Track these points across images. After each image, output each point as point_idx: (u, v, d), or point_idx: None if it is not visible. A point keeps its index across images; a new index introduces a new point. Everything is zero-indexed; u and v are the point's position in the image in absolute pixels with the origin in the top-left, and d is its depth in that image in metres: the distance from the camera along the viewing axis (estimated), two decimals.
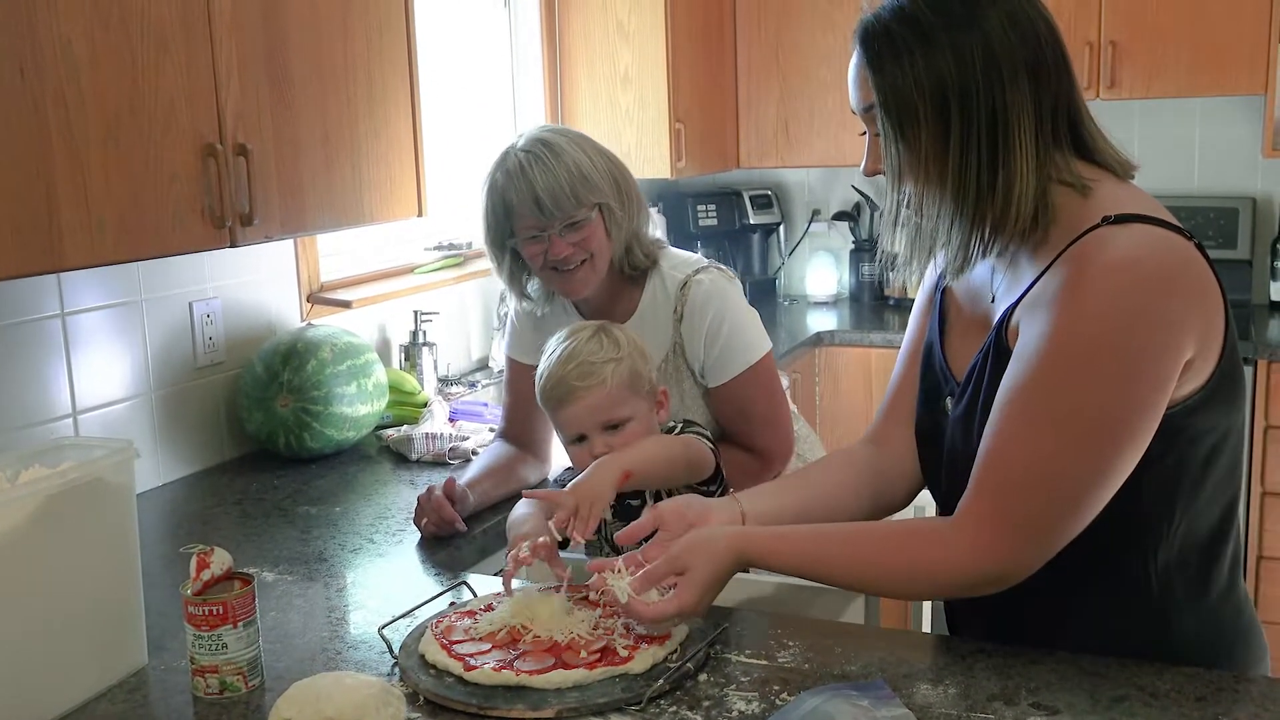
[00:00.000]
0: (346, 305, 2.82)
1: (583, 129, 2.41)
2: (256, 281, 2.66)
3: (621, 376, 1.74)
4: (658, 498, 1.79)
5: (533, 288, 2.15)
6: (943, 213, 1.35)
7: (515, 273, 2.12)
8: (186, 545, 1.47)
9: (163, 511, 2.27)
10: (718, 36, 4.00)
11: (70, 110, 1.76)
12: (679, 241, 3.27)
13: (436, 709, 1.35)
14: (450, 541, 1.99)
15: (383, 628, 1.52)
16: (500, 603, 1.55)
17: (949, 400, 1.48)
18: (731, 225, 4.27)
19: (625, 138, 3.68)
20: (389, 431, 2.65)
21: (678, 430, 1.83)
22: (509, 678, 1.36)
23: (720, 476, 1.82)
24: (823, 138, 4.04)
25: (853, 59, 1.39)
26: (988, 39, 1.30)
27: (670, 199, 4.30)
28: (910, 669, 1.39)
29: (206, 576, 1.42)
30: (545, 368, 1.79)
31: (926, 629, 2.46)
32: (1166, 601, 1.38)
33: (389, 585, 1.83)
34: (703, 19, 3.87)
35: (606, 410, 1.74)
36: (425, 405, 2.74)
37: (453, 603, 1.62)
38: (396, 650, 1.48)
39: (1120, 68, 3.62)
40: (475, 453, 2.47)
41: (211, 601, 1.40)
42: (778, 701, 1.33)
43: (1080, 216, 1.32)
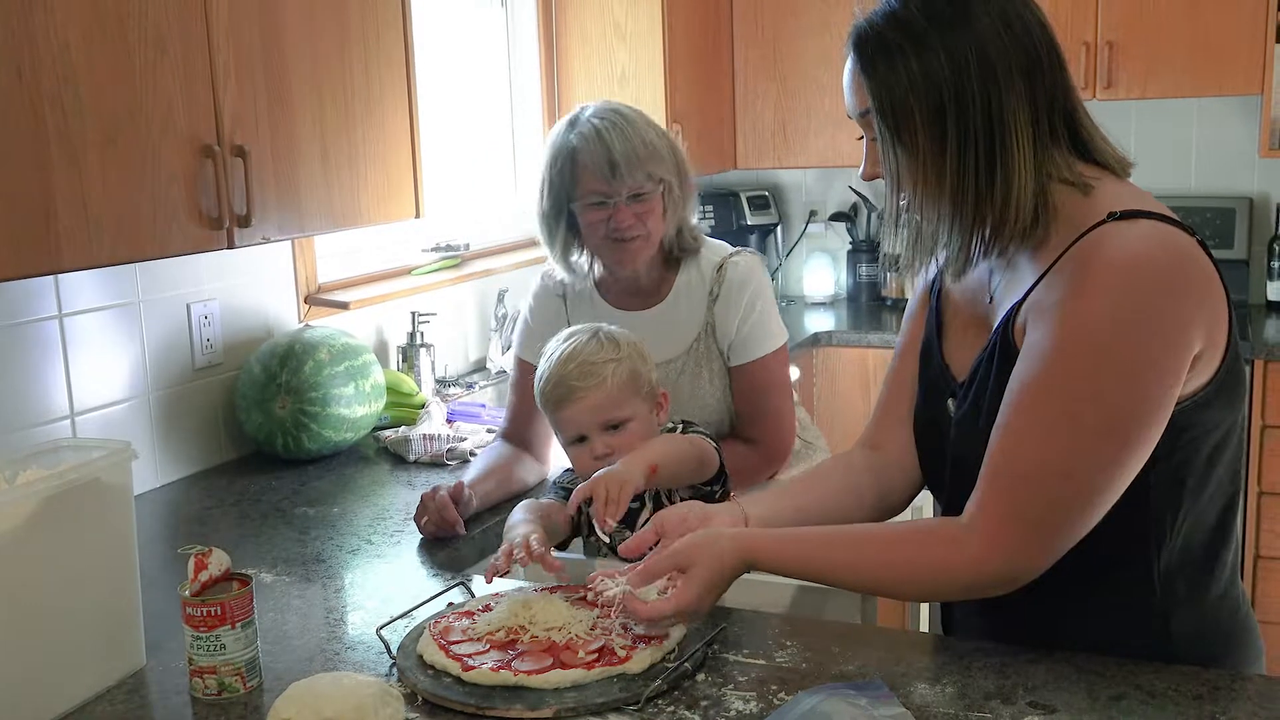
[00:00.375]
0: (344, 306, 2.82)
1: None
2: (254, 283, 2.66)
3: (621, 377, 1.75)
4: (657, 502, 1.79)
5: (575, 261, 2.17)
6: (942, 214, 1.35)
7: (569, 241, 2.13)
8: (185, 546, 1.47)
9: (161, 512, 2.27)
10: (715, 37, 4.00)
11: (68, 112, 1.75)
12: None
13: (435, 709, 1.35)
14: (449, 542, 1.99)
15: (381, 628, 1.52)
16: (498, 603, 1.55)
17: (951, 401, 1.48)
18: (729, 226, 4.27)
19: None
20: (387, 433, 2.65)
21: (678, 430, 1.84)
22: (507, 678, 1.36)
23: (723, 475, 1.83)
24: (820, 138, 4.04)
25: (846, 64, 1.38)
26: (981, 40, 1.30)
27: None
28: (908, 668, 1.40)
29: (205, 577, 1.42)
30: (545, 369, 1.79)
31: (924, 629, 2.47)
32: (1168, 600, 1.38)
33: (387, 586, 1.83)
34: (700, 20, 3.87)
35: (607, 410, 1.75)
36: (423, 406, 2.74)
37: (451, 603, 1.62)
38: (394, 651, 1.48)
39: (1117, 68, 3.62)
40: (473, 454, 2.47)
41: (210, 602, 1.40)
42: (775, 701, 1.33)
43: (1083, 214, 1.32)
